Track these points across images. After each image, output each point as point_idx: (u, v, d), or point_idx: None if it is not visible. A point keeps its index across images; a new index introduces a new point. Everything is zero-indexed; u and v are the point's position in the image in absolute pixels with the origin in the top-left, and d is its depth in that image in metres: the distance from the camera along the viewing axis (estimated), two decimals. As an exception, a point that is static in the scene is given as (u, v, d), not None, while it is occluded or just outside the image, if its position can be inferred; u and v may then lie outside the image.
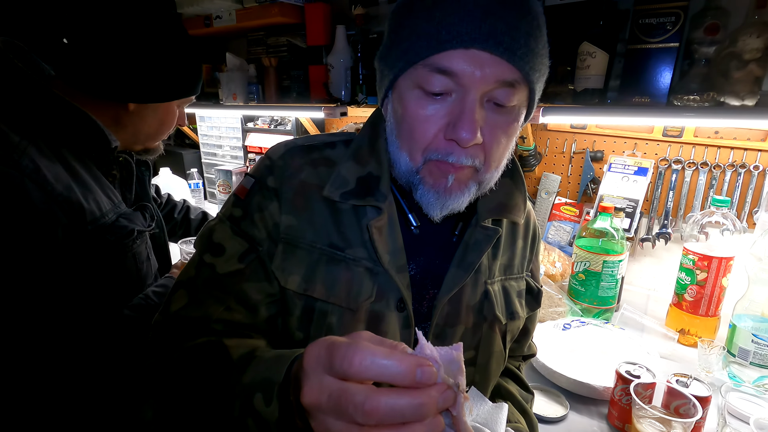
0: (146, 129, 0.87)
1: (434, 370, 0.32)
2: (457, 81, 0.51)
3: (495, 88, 0.52)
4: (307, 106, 1.61)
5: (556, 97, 1.20)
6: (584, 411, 0.86)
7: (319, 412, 0.33)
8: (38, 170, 0.67)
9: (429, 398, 0.31)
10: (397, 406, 0.30)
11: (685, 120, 1.11)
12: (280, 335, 0.61)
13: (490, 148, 0.55)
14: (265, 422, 0.40)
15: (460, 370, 0.35)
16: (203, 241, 0.61)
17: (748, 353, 0.89)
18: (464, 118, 0.51)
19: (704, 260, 1.02)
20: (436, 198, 0.57)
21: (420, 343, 0.34)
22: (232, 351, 0.48)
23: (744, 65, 0.95)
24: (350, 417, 0.31)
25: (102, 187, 0.80)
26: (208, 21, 1.76)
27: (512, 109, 0.55)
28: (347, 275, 0.59)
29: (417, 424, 0.31)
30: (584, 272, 1.14)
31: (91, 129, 0.78)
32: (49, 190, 0.68)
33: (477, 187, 0.59)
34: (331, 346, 0.33)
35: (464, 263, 0.63)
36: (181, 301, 0.58)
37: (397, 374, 0.31)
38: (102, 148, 0.80)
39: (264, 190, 0.61)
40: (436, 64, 0.51)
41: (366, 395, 0.31)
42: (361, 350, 0.32)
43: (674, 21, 1.02)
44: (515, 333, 0.73)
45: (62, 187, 0.70)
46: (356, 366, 0.31)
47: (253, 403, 0.41)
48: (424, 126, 0.54)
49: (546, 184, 1.48)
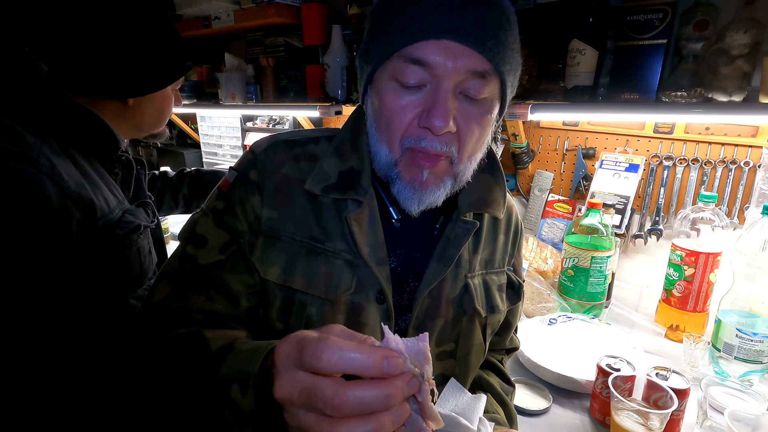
0: (147, 119, 0.92)
1: (400, 361, 0.34)
2: (431, 72, 0.53)
3: (466, 79, 0.54)
4: (303, 105, 1.63)
5: (547, 94, 1.21)
6: (567, 404, 0.87)
7: (292, 406, 0.35)
8: (54, 168, 0.70)
9: (395, 388, 0.33)
10: (365, 397, 0.32)
11: (673, 116, 1.12)
12: (260, 326, 0.63)
13: (464, 137, 0.57)
14: (241, 412, 0.41)
15: (426, 360, 0.36)
16: (186, 233, 0.63)
17: (733, 348, 0.89)
18: (437, 107, 0.53)
19: (691, 256, 1.03)
20: (413, 193, 0.59)
21: (386, 336, 0.36)
22: (211, 343, 0.49)
23: (731, 61, 0.95)
24: (321, 411, 0.33)
25: (107, 184, 0.83)
26: (207, 22, 1.78)
27: (484, 101, 0.57)
28: (326, 267, 0.61)
29: (384, 413, 0.33)
30: (573, 268, 1.14)
31: (101, 130, 0.81)
32: (64, 188, 0.71)
33: (453, 181, 0.60)
34: (300, 342, 0.35)
35: (444, 257, 0.65)
36: (163, 291, 0.60)
37: (364, 367, 0.33)
38: (110, 147, 0.84)
39: (246, 183, 0.63)
40: (410, 54, 0.53)
41: (335, 390, 0.32)
42: (329, 346, 0.33)
43: (662, 17, 1.03)
44: (495, 326, 0.74)
45: (75, 184, 0.73)
46: (325, 361, 0.33)
47: (230, 393, 0.42)
48: (400, 115, 0.56)
49: (539, 182, 1.49)
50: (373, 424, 0.32)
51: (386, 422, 0.33)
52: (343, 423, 0.32)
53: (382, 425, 0.33)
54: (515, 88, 0.61)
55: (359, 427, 0.32)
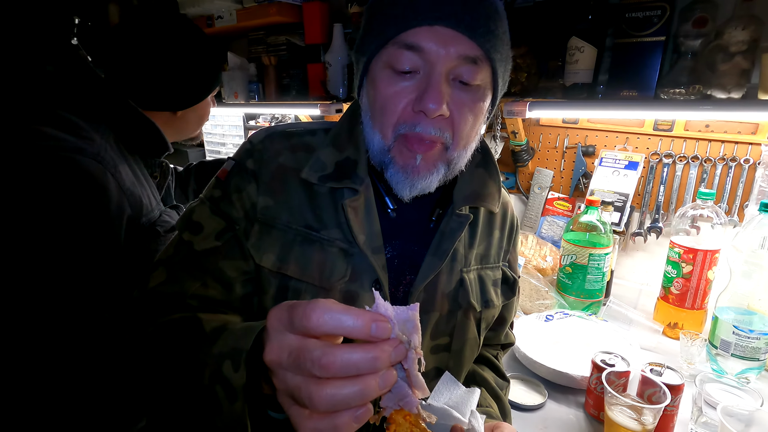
0: (190, 127, 1.01)
1: (388, 326, 0.34)
2: (424, 57, 0.55)
3: (459, 65, 0.55)
4: (305, 103, 1.64)
5: (546, 92, 1.21)
6: (562, 400, 0.88)
7: (280, 368, 0.35)
8: (116, 165, 0.77)
9: (382, 352, 0.33)
10: (353, 359, 0.33)
11: (672, 113, 1.11)
12: (254, 314, 0.64)
13: (458, 123, 0.58)
14: (233, 388, 0.42)
15: (415, 328, 0.36)
16: (183, 221, 0.64)
17: (730, 345, 0.89)
18: (430, 90, 0.55)
19: (689, 253, 1.03)
20: (405, 177, 0.60)
21: (376, 301, 0.36)
22: (205, 324, 0.50)
23: (730, 58, 0.95)
24: (308, 371, 0.33)
25: (150, 186, 0.89)
26: (210, 21, 1.80)
27: (477, 88, 0.58)
28: (321, 255, 0.62)
29: (371, 376, 0.33)
30: (571, 265, 1.15)
31: (155, 136, 0.89)
32: (122, 184, 0.77)
33: (446, 167, 0.61)
34: (292, 305, 0.36)
35: (440, 251, 0.65)
36: (159, 277, 0.61)
37: (353, 328, 0.33)
38: (159, 152, 0.91)
39: (243, 172, 0.64)
40: (404, 40, 0.55)
41: (323, 350, 0.33)
42: (319, 307, 0.34)
43: (660, 14, 1.02)
44: (490, 321, 0.75)
45: (129, 182, 0.79)
46: (314, 320, 0.34)
47: (222, 370, 0.43)
48: (394, 101, 0.57)
49: (539, 179, 1.49)
50: (359, 386, 0.33)
51: (372, 385, 0.33)
52: (329, 384, 0.33)
53: (368, 387, 0.33)
54: (506, 82, 0.62)
55: (345, 388, 0.33)
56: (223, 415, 0.43)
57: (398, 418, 0.38)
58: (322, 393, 0.33)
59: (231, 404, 0.42)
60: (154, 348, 0.52)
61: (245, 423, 0.42)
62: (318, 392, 0.33)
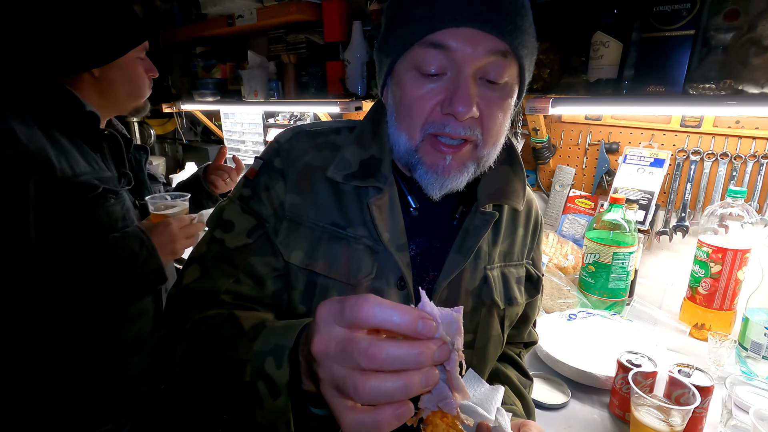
0: (121, 90, 0.97)
1: (434, 324, 0.35)
2: (451, 57, 0.55)
3: (487, 63, 0.55)
4: (323, 101, 1.65)
5: (569, 88, 1.19)
6: (586, 399, 0.87)
7: (327, 358, 0.36)
8: (12, 132, 0.79)
9: (427, 348, 0.34)
10: (398, 352, 0.33)
11: (701, 109, 1.08)
12: (285, 310, 0.65)
13: (488, 121, 0.58)
14: (276, 385, 0.43)
15: (458, 331, 0.37)
16: (214, 219, 0.66)
17: (761, 347, 0.87)
18: (459, 92, 0.54)
19: (718, 252, 1.00)
20: (435, 178, 0.60)
21: (422, 300, 0.37)
22: (243, 322, 0.51)
23: (763, 51, 0.92)
24: (354, 362, 0.34)
25: (84, 155, 0.90)
26: (231, 20, 1.82)
27: (505, 86, 0.58)
28: (347, 252, 0.62)
29: (415, 372, 0.34)
30: (594, 264, 1.13)
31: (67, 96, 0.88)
32: (21, 148, 0.79)
33: (476, 166, 0.61)
34: (343, 299, 0.37)
35: (463, 248, 0.65)
36: (193, 274, 0.62)
37: (400, 323, 0.34)
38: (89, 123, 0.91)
39: (271, 170, 0.65)
40: (432, 39, 0.55)
41: (370, 341, 0.34)
42: (369, 300, 0.35)
43: (690, 8, 1.00)
44: (513, 319, 0.75)
45: (34, 147, 0.81)
46: (364, 312, 0.34)
47: (264, 367, 0.44)
48: (421, 103, 0.57)
49: (560, 177, 1.47)
50: (403, 380, 0.33)
51: (416, 380, 0.34)
52: (374, 376, 0.33)
53: (411, 382, 0.33)
54: (531, 73, 0.62)
55: (389, 381, 0.33)
56: (264, 410, 0.44)
57: (435, 419, 0.38)
58: (367, 384, 0.33)
59: (274, 400, 0.43)
60: (192, 344, 0.54)
61: (288, 418, 0.43)
62: (363, 383, 0.33)
